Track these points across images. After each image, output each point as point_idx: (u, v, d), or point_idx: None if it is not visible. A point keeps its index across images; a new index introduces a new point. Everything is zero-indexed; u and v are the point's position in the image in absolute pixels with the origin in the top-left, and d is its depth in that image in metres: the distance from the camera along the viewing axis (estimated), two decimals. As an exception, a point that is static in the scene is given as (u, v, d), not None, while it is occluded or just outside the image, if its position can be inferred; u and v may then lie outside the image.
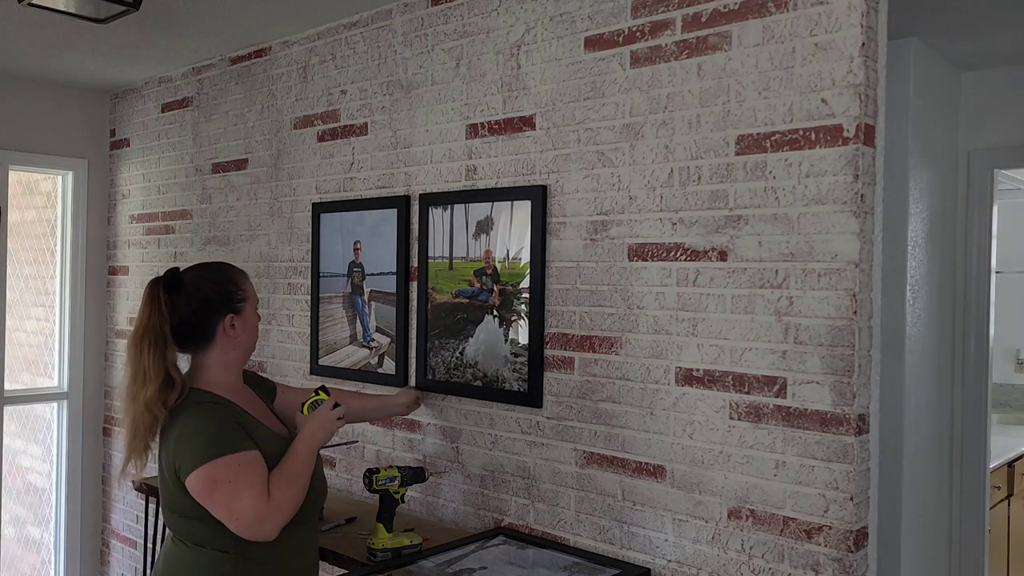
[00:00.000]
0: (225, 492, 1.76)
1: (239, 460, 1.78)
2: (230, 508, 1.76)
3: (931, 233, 3.14)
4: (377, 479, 2.34)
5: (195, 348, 1.93)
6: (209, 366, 1.93)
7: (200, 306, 1.90)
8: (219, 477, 1.76)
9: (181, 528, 1.89)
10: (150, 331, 1.84)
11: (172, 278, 1.91)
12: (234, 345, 1.94)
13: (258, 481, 1.78)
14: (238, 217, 3.52)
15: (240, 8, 2.98)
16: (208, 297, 1.91)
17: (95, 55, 3.62)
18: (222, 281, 1.95)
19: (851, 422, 1.87)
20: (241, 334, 1.95)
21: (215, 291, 1.92)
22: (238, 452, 1.79)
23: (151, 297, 1.87)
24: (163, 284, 1.89)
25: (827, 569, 1.90)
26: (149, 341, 1.84)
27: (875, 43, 1.90)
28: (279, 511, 1.79)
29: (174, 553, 1.91)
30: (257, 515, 1.76)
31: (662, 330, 2.18)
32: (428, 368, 2.73)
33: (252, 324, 1.99)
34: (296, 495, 1.84)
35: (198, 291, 1.91)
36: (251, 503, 1.76)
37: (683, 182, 2.14)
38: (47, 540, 4.34)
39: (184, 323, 1.89)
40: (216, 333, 1.91)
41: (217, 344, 1.92)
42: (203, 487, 1.77)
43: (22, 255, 4.25)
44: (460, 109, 2.66)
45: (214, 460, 1.76)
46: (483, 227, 2.58)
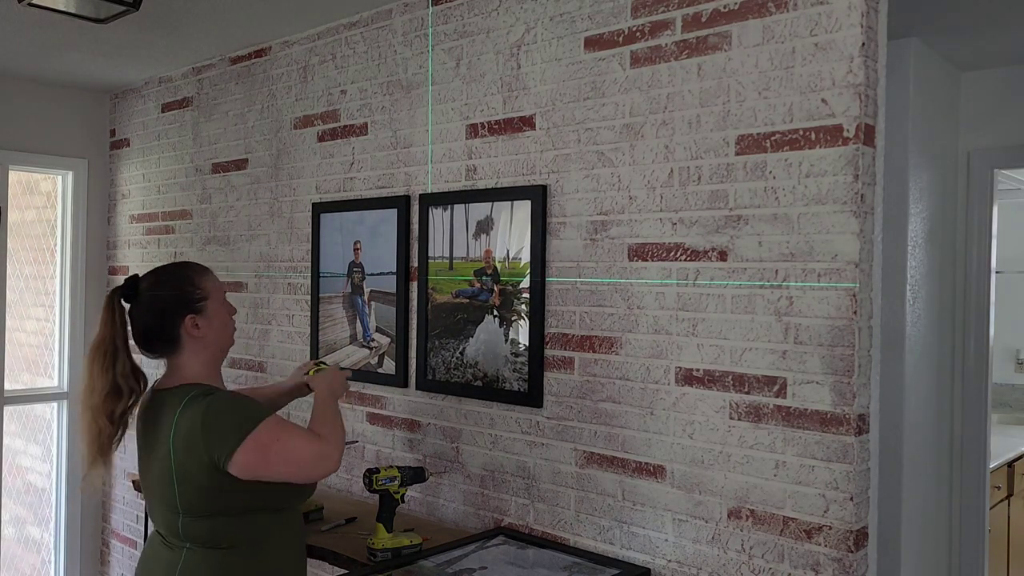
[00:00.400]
0: (278, 449, 1.81)
1: (273, 421, 1.85)
2: (289, 459, 1.82)
3: (931, 233, 3.14)
4: (377, 479, 2.34)
5: (166, 352, 1.94)
6: (184, 366, 1.94)
7: (158, 312, 1.91)
8: (266, 440, 1.80)
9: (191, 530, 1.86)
10: (102, 342, 1.88)
11: (129, 288, 1.93)
12: (203, 344, 1.94)
13: (300, 429, 1.89)
14: (238, 217, 3.52)
15: (240, 8, 2.98)
16: (163, 301, 1.92)
17: (95, 55, 3.62)
18: (177, 283, 1.94)
19: (851, 422, 1.87)
20: (207, 332, 1.94)
21: (171, 295, 1.92)
22: (266, 418, 1.84)
23: (108, 308, 1.90)
24: (121, 294, 1.93)
25: (827, 569, 1.90)
26: (102, 352, 1.87)
27: (875, 43, 1.90)
28: (332, 444, 1.90)
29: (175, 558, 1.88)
30: (317, 453, 1.85)
31: (662, 330, 2.18)
32: (428, 368, 2.73)
33: (219, 320, 1.97)
34: (340, 433, 1.96)
35: (155, 298, 1.92)
36: (307, 445, 1.85)
37: (683, 182, 2.14)
38: (47, 540, 4.34)
39: (148, 330, 1.92)
40: (180, 335, 1.92)
41: (185, 346, 1.92)
42: (254, 457, 1.78)
43: (22, 255, 4.25)
44: (460, 109, 2.66)
45: (255, 430, 1.79)
46: (483, 227, 2.58)
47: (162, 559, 1.91)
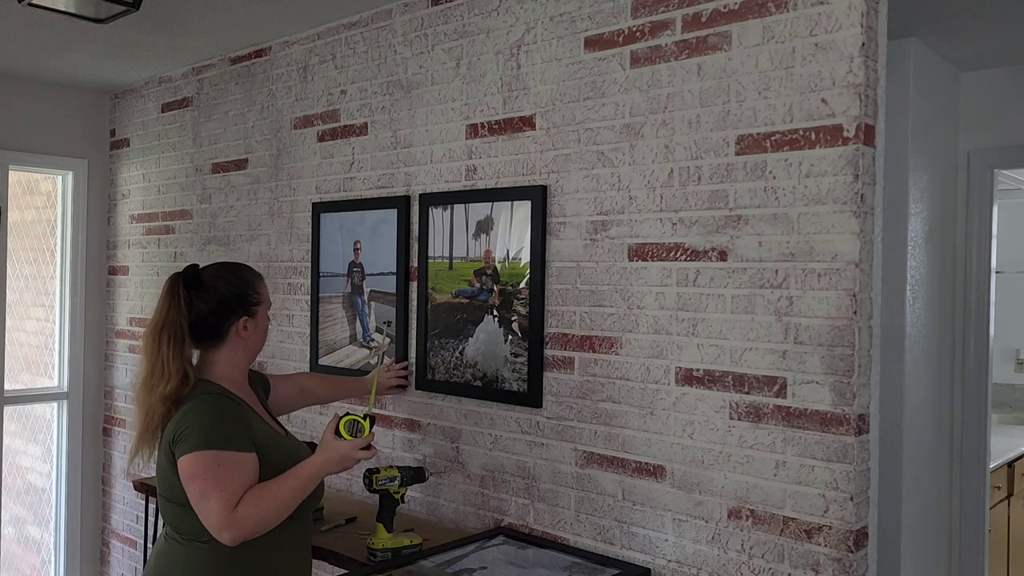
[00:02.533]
0: (197, 487, 1.78)
1: (222, 459, 1.79)
2: (197, 504, 1.79)
3: (931, 233, 3.14)
4: (377, 479, 2.34)
5: (207, 345, 1.97)
6: (218, 362, 1.97)
7: (217, 306, 1.94)
8: (197, 471, 1.78)
9: (174, 519, 1.90)
10: (169, 326, 1.88)
11: (192, 275, 1.95)
12: (244, 346, 1.99)
13: (231, 487, 1.78)
14: (238, 217, 3.52)
15: (240, 8, 2.98)
16: (225, 297, 1.95)
17: (95, 55, 3.62)
18: (240, 283, 2.00)
19: (851, 422, 1.87)
20: (252, 336, 2.00)
21: (232, 292, 1.97)
22: (227, 451, 1.80)
23: (171, 292, 1.91)
24: (183, 280, 1.93)
25: (827, 569, 1.90)
26: (168, 336, 1.87)
27: (875, 43, 1.90)
28: (239, 527, 1.77)
29: (166, 550, 1.92)
30: (218, 522, 1.76)
31: (662, 330, 2.18)
32: (428, 368, 2.73)
33: (263, 327, 2.05)
34: (267, 518, 1.81)
35: (216, 290, 1.95)
36: (216, 508, 1.76)
37: (683, 182, 2.14)
38: (47, 540, 4.34)
39: (199, 320, 1.93)
40: (229, 333, 1.96)
41: (228, 343, 1.97)
42: (184, 474, 1.80)
43: (22, 255, 4.25)
44: (460, 109, 2.66)
45: (202, 451, 1.78)
46: (483, 227, 2.58)
47: (157, 547, 1.96)
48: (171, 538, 1.92)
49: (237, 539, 1.78)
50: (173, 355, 1.86)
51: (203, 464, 1.78)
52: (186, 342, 1.89)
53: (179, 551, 1.88)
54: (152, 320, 1.92)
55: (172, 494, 1.87)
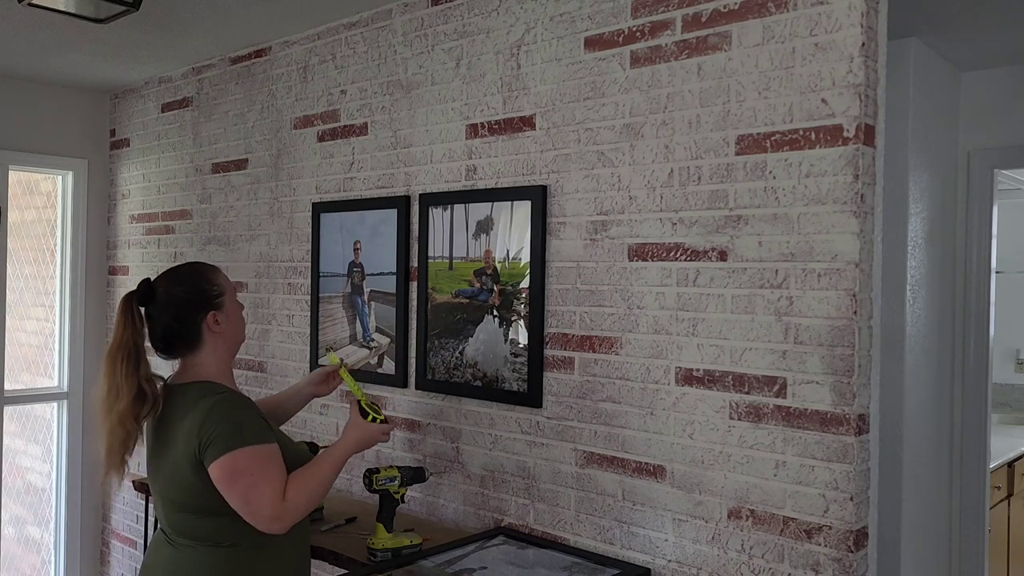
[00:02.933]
0: (245, 484, 1.80)
1: (262, 453, 1.83)
2: (247, 500, 1.80)
3: (931, 233, 3.14)
4: (377, 479, 2.34)
5: (186, 351, 1.96)
6: (203, 363, 1.95)
7: (179, 311, 1.93)
8: (242, 468, 1.80)
9: (189, 526, 1.89)
10: (123, 346, 1.87)
11: (145, 291, 1.94)
12: (222, 340, 1.97)
13: (277, 477, 1.84)
14: (238, 217, 3.52)
15: (240, 8, 2.98)
16: (184, 301, 1.93)
17: (95, 55, 3.62)
18: (194, 281, 1.97)
19: (851, 422, 1.87)
20: (227, 328, 1.98)
21: (190, 293, 1.94)
22: (262, 444, 1.84)
23: (124, 311, 1.90)
24: (137, 297, 1.93)
25: (827, 569, 1.90)
26: (122, 356, 1.86)
27: (875, 43, 1.90)
28: (292, 513, 1.84)
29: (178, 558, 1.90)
30: (272, 513, 1.81)
31: (662, 330, 2.18)
32: (428, 368, 2.73)
33: (235, 315, 2.02)
34: (313, 500, 1.89)
35: (173, 298, 1.93)
36: (269, 500, 1.81)
37: (683, 182, 2.14)
38: (47, 540, 4.34)
39: (168, 331, 1.93)
40: (202, 333, 1.94)
41: (206, 343, 1.95)
42: (224, 476, 1.79)
43: (22, 255, 4.25)
44: (460, 109, 2.66)
45: (240, 449, 1.80)
46: (483, 227, 2.58)
47: (162, 555, 1.94)
48: (181, 545, 1.90)
49: (287, 526, 1.85)
50: (126, 374, 1.85)
51: (246, 460, 1.80)
52: (141, 361, 1.88)
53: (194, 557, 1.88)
54: (110, 342, 1.91)
55: (191, 502, 1.87)
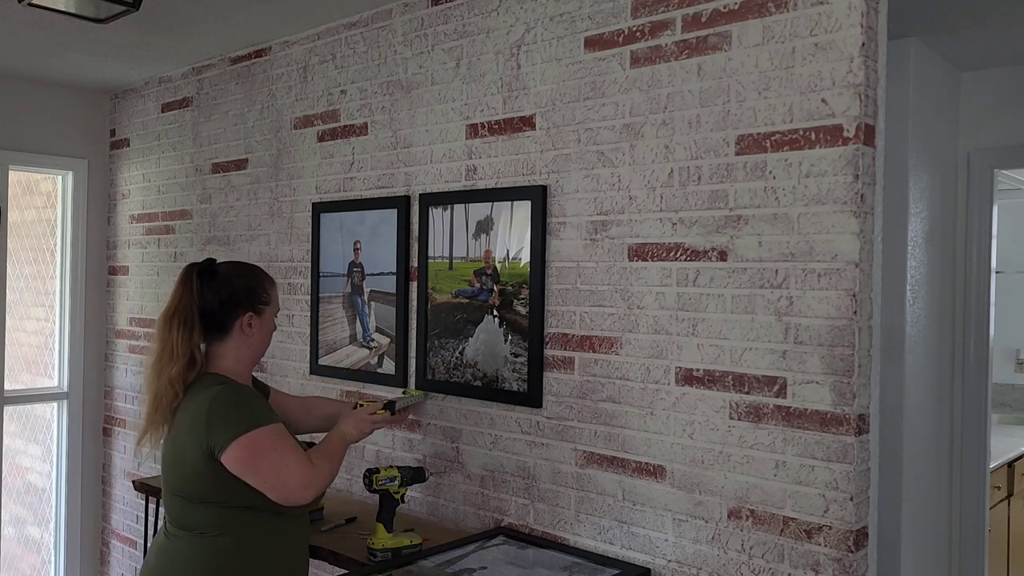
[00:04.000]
0: (272, 459, 1.85)
1: (278, 429, 1.90)
2: (278, 473, 1.86)
3: (931, 233, 3.14)
4: (377, 479, 2.34)
5: (211, 338, 2.00)
6: (224, 356, 2.01)
7: (226, 297, 1.99)
8: (264, 446, 1.85)
9: (182, 514, 1.93)
10: (181, 311, 1.94)
11: (208, 266, 2.01)
12: (248, 343, 2.02)
13: (298, 449, 1.92)
14: (238, 217, 3.52)
15: (240, 8, 2.98)
16: (235, 291, 2.00)
17: (95, 55, 3.62)
18: (252, 280, 2.05)
19: (851, 422, 1.87)
20: (256, 334, 2.03)
21: (243, 287, 2.01)
22: (275, 423, 1.91)
23: (185, 280, 1.97)
24: (198, 270, 1.99)
25: (827, 569, 1.90)
26: (179, 321, 1.93)
27: (875, 43, 1.90)
28: (320, 479, 1.94)
29: (168, 546, 1.95)
30: (303, 479, 1.88)
31: (662, 330, 2.18)
32: (428, 368, 2.73)
33: (268, 329, 2.07)
34: (333, 470, 2.01)
35: (228, 283, 2.00)
36: (297, 468, 1.88)
37: (683, 182, 2.14)
38: (47, 540, 4.34)
39: (207, 310, 1.97)
40: (233, 327, 1.99)
41: (232, 338, 2.00)
42: (248, 455, 1.84)
43: (22, 255, 4.25)
44: (460, 109, 2.66)
45: (256, 429, 1.86)
46: (483, 227, 2.58)
47: (156, 546, 1.99)
48: (173, 535, 1.95)
49: (317, 492, 1.94)
50: (182, 339, 1.91)
51: (268, 438, 1.86)
52: (195, 328, 1.94)
53: (183, 547, 1.92)
54: (165, 306, 1.97)
55: (187, 487, 1.91)
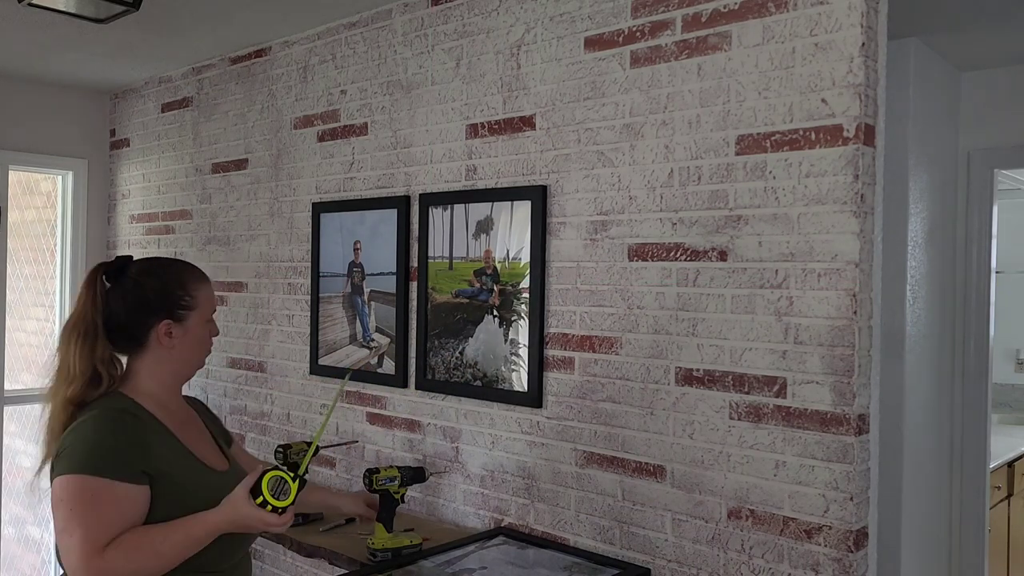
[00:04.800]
0: (62, 516, 1.49)
1: (96, 488, 1.49)
2: (59, 537, 1.51)
3: (931, 233, 3.14)
4: (377, 479, 2.34)
5: (126, 349, 1.68)
6: (139, 372, 1.68)
7: (134, 304, 1.66)
8: (64, 497, 1.50)
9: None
10: (81, 322, 1.63)
11: (117, 267, 1.69)
12: (169, 356, 1.68)
13: (101, 525, 1.47)
14: (238, 217, 3.52)
15: (240, 8, 2.98)
16: (145, 296, 1.66)
17: (95, 55, 3.62)
18: (168, 281, 1.69)
19: (851, 422, 1.87)
20: (179, 345, 1.68)
21: (155, 290, 1.67)
22: (106, 479, 1.50)
23: (89, 284, 1.65)
24: (104, 271, 1.67)
25: (827, 569, 1.90)
26: (79, 333, 1.62)
27: (875, 43, 1.90)
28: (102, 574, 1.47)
29: None
30: (77, 565, 1.46)
31: (662, 330, 2.18)
32: (428, 368, 2.73)
33: (196, 337, 1.71)
34: (139, 570, 1.50)
35: (137, 287, 1.66)
36: (78, 547, 1.46)
37: (683, 182, 2.14)
38: (47, 540, 4.34)
39: (114, 319, 1.65)
40: (149, 338, 1.66)
41: (149, 351, 1.67)
42: (53, 498, 1.52)
43: (22, 255, 4.25)
44: (460, 109, 2.66)
45: (75, 474, 1.50)
46: (483, 227, 2.58)
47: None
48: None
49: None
50: (80, 354, 1.60)
51: (73, 490, 1.49)
52: (99, 340, 1.62)
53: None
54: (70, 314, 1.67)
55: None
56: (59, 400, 1.61)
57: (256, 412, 3.42)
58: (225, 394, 3.57)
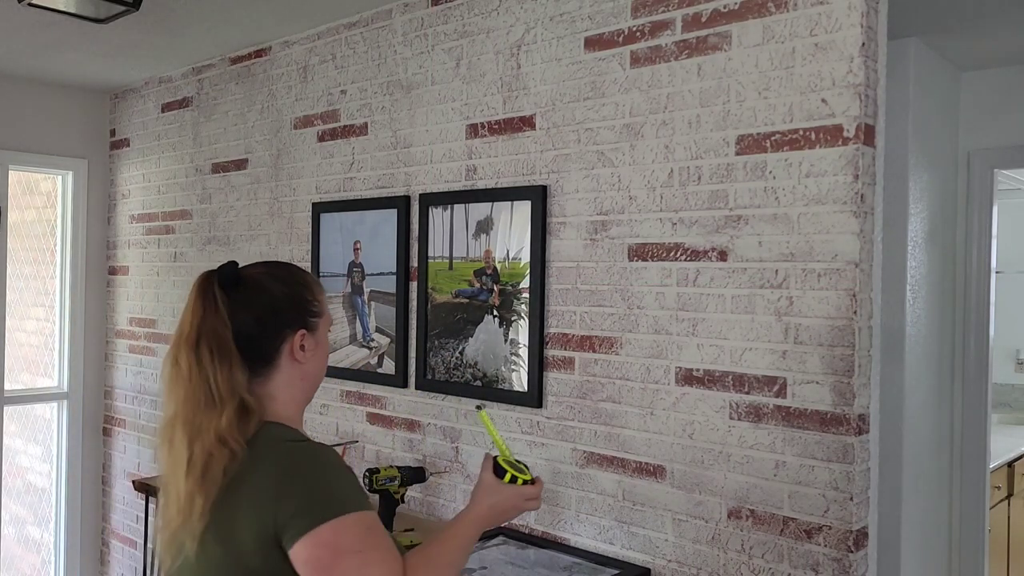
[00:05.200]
0: (354, 564, 1.23)
1: (368, 522, 1.27)
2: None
3: (931, 233, 3.14)
4: (377, 479, 2.34)
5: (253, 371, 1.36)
6: (275, 397, 1.38)
7: (266, 312, 1.38)
8: (347, 545, 1.23)
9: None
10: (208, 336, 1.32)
11: (230, 272, 1.39)
12: (301, 373, 1.41)
13: (393, 555, 1.28)
14: (238, 217, 3.52)
15: (240, 8, 2.98)
16: (276, 303, 1.39)
17: (95, 55, 3.62)
18: (294, 285, 1.43)
19: (851, 422, 1.87)
20: (311, 361, 1.42)
21: (286, 296, 1.40)
22: (364, 511, 1.28)
23: (204, 293, 1.35)
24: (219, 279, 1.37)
25: (827, 569, 1.90)
26: (210, 350, 1.31)
27: (875, 43, 1.90)
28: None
29: None
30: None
31: (662, 330, 2.18)
32: (428, 368, 2.73)
33: (325, 348, 1.47)
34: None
35: (264, 294, 1.39)
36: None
37: (683, 182, 2.14)
38: (47, 540, 4.34)
39: (242, 335, 1.34)
40: (281, 354, 1.38)
41: (280, 370, 1.38)
42: (326, 554, 1.22)
43: (22, 255, 4.25)
44: (460, 109, 2.66)
45: (344, 516, 1.24)
46: (483, 227, 2.58)
47: None
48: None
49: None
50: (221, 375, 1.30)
51: (355, 533, 1.24)
52: (234, 359, 1.32)
53: None
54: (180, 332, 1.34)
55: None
56: (211, 435, 1.27)
57: (256, 412, 3.41)
58: (225, 394, 3.57)
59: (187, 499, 1.27)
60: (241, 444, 1.27)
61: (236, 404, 1.30)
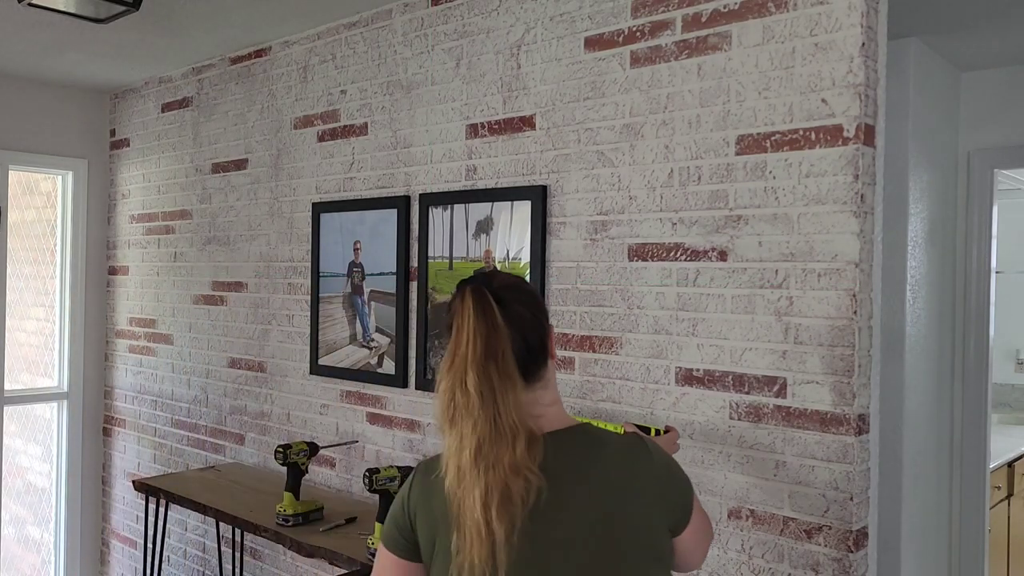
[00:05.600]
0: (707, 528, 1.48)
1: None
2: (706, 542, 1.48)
3: (931, 233, 3.14)
4: (377, 479, 2.34)
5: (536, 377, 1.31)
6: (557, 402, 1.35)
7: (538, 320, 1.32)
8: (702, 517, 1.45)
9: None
10: (494, 357, 1.23)
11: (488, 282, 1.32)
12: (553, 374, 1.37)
13: None
14: (238, 217, 3.52)
15: (240, 8, 2.98)
16: (541, 307, 1.35)
17: (95, 55, 3.63)
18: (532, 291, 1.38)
19: (851, 422, 1.87)
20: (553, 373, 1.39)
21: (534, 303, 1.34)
22: None
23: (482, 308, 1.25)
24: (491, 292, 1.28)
25: (827, 569, 1.89)
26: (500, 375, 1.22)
27: (875, 43, 1.90)
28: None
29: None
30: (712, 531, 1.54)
31: (662, 330, 2.18)
32: (428, 368, 2.73)
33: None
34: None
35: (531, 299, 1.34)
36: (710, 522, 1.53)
37: (683, 182, 2.14)
38: (47, 540, 4.34)
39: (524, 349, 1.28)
40: (548, 361, 1.34)
41: (548, 375, 1.34)
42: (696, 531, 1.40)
43: (22, 255, 4.25)
44: (460, 109, 2.66)
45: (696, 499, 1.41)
46: (483, 227, 2.58)
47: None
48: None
49: None
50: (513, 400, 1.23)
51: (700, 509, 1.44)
52: (517, 379, 1.25)
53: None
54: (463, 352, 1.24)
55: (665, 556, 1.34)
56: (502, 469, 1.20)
57: (256, 412, 3.42)
58: (225, 394, 3.57)
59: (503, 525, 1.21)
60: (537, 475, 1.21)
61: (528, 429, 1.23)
